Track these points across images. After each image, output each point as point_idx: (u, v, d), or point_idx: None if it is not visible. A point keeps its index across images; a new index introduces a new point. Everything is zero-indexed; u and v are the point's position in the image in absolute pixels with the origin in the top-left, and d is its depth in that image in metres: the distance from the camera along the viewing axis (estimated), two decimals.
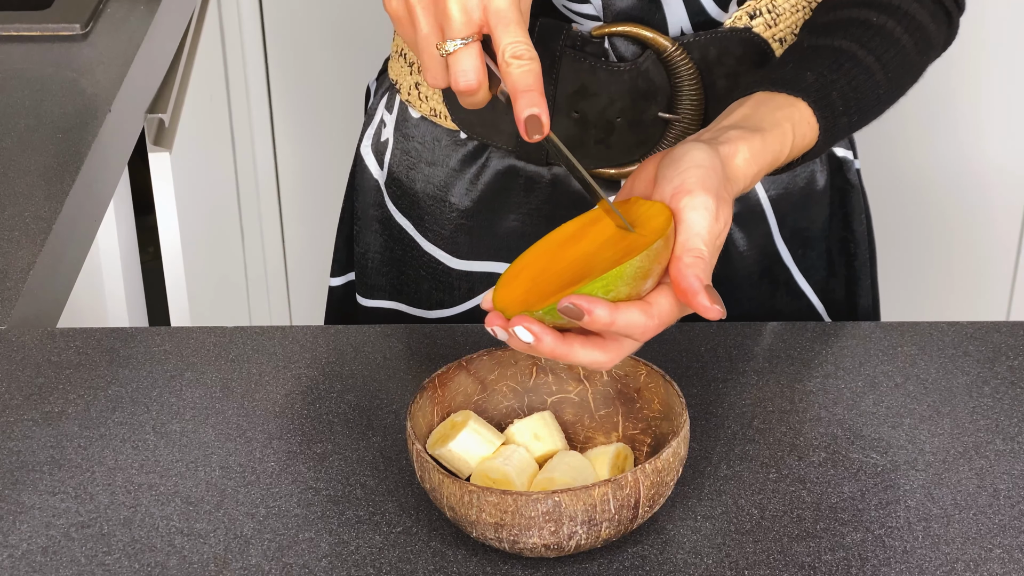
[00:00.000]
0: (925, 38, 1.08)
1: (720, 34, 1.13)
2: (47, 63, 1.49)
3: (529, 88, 0.85)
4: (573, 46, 1.13)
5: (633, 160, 1.17)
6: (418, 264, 1.27)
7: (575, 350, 0.86)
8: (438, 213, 1.24)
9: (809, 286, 1.26)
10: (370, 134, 1.29)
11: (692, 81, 1.13)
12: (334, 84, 2.29)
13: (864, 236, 1.28)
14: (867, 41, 1.05)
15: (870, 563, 0.91)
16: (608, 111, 1.14)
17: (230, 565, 0.91)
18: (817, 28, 1.08)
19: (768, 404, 1.04)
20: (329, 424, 1.02)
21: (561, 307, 0.83)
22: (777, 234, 1.23)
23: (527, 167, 1.20)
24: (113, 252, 1.55)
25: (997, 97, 2.26)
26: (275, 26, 2.26)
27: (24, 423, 1.03)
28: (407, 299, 1.29)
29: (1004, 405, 1.03)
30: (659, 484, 0.89)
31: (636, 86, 1.13)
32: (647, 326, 0.85)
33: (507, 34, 0.85)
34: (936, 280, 2.41)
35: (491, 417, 0.99)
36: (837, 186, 1.25)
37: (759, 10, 1.13)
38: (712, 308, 0.84)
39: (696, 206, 0.87)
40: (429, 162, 1.23)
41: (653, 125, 1.15)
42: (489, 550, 0.92)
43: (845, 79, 1.03)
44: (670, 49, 1.12)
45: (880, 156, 2.30)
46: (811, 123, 1.00)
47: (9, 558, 0.92)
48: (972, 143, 2.29)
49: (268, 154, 2.34)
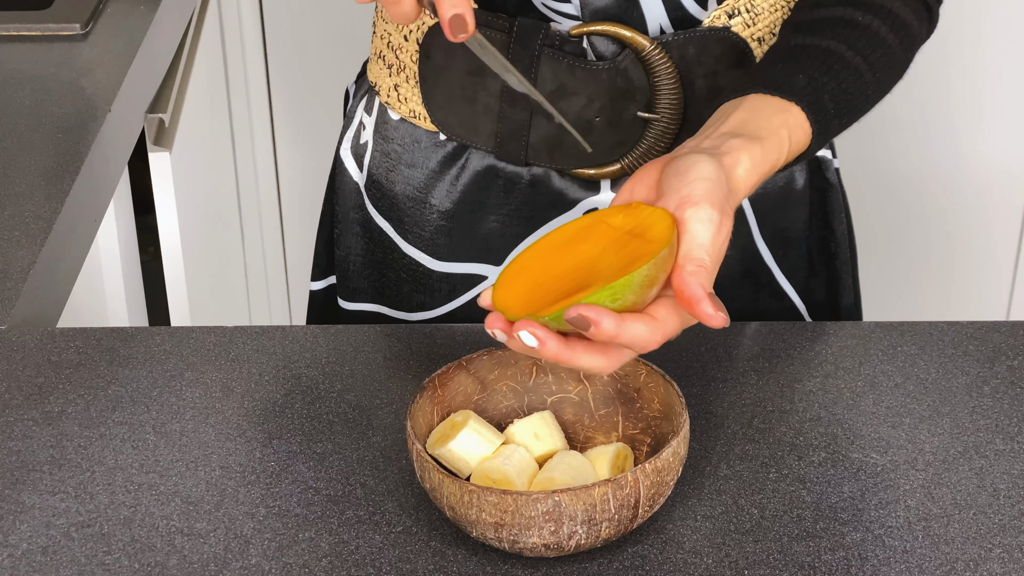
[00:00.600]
0: (909, 36, 1.09)
1: (699, 33, 1.13)
2: (47, 63, 1.49)
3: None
4: (552, 45, 1.13)
5: (612, 160, 1.17)
6: (398, 267, 1.27)
7: (578, 355, 0.86)
8: (418, 215, 1.24)
9: (791, 286, 1.26)
10: (349, 137, 1.29)
11: (671, 80, 1.13)
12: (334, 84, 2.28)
13: (845, 235, 1.28)
14: (854, 42, 1.05)
15: (870, 563, 0.91)
16: (587, 110, 1.15)
17: (230, 565, 0.91)
18: (803, 26, 1.08)
19: (768, 404, 1.04)
20: (329, 424, 1.02)
21: (568, 317, 0.83)
22: (758, 235, 1.23)
23: (506, 168, 1.20)
24: (113, 252, 1.55)
25: (998, 97, 2.26)
26: (275, 26, 2.26)
27: (24, 423, 1.03)
28: (389, 302, 1.29)
29: (1004, 405, 1.03)
30: (659, 484, 0.89)
31: (615, 85, 1.14)
32: (651, 340, 0.86)
33: None
34: (936, 280, 2.41)
35: (491, 417, 0.99)
36: (816, 186, 1.25)
37: (738, 9, 1.13)
38: (716, 316, 0.85)
39: (701, 218, 0.87)
40: (409, 164, 1.23)
41: (632, 124, 1.15)
42: (489, 550, 0.92)
43: (835, 81, 1.03)
44: (649, 48, 1.12)
45: (880, 156, 2.30)
46: (805, 128, 1.00)
47: (9, 558, 0.92)
48: (973, 143, 2.29)
49: (268, 154, 2.34)
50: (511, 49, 1.13)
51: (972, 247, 2.37)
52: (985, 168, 2.31)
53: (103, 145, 1.37)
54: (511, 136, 1.17)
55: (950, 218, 2.35)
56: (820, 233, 1.27)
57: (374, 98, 1.26)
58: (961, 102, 2.27)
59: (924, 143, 2.29)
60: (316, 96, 2.30)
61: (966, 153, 2.30)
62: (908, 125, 2.27)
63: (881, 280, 2.40)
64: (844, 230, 1.28)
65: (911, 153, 2.30)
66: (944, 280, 2.41)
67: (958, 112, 2.27)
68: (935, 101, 2.26)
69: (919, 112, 2.26)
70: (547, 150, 1.17)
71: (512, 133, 1.17)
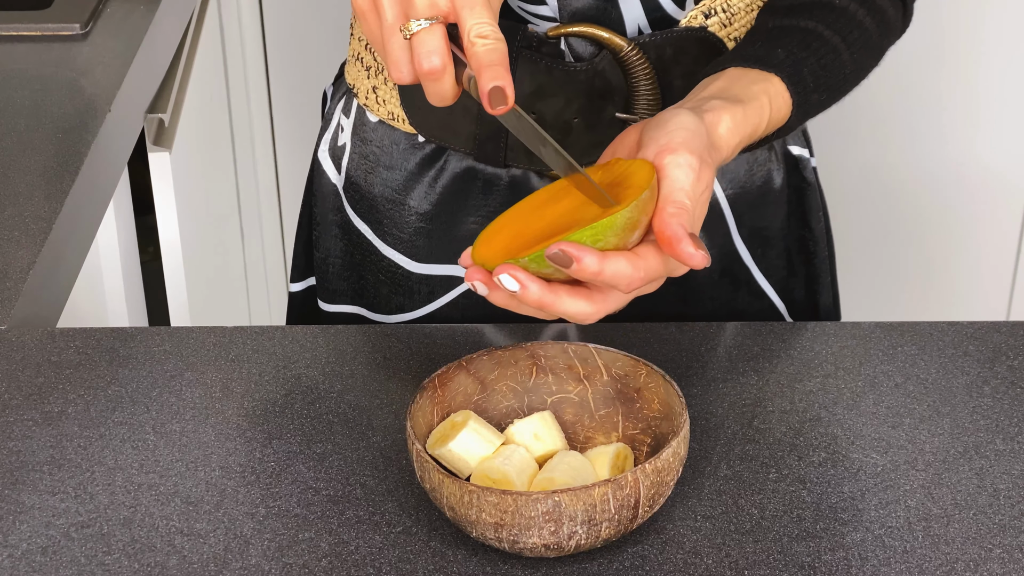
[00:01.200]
0: (885, 21, 1.10)
1: (676, 33, 1.13)
2: (47, 63, 1.49)
3: (493, 63, 0.84)
4: (529, 47, 1.13)
5: (591, 161, 1.17)
6: (377, 268, 1.26)
7: (562, 299, 0.86)
8: (397, 217, 1.23)
9: (770, 286, 1.26)
10: (327, 139, 1.28)
11: (648, 81, 1.13)
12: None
13: (823, 234, 1.28)
14: (832, 22, 1.07)
15: (870, 563, 0.91)
16: (565, 112, 1.14)
17: (230, 565, 0.91)
18: (780, 10, 1.09)
19: (768, 404, 1.04)
20: (329, 424, 1.02)
21: (549, 253, 0.83)
22: (736, 234, 1.23)
23: (485, 169, 1.19)
24: (113, 252, 1.55)
25: (998, 97, 2.26)
26: (275, 26, 2.26)
27: (24, 423, 1.03)
28: (368, 304, 1.28)
29: (1004, 405, 1.03)
30: (659, 484, 0.89)
31: (593, 86, 1.14)
32: (634, 277, 0.85)
33: (472, 15, 0.84)
34: (936, 280, 2.41)
35: (491, 417, 0.99)
36: (794, 185, 1.25)
37: (714, 9, 1.14)
38: (697, 254, 0.84)
39: (680, 164, 0.87)
40: (387, 166, 1.23)
41: (610, 126, 1.15)
42: (489, 550, 0.92)
43: (814, 57, 1.04)
44: (626, 49, 1.12)
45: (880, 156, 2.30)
46: (785, 98, 1.01)
47: (9, 558, 0.92)
48: (974, 143, 2.29)
49: (268, 154, 2.34)
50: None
51: (972, 247, 2.37)
52: (986, 168, 2.31)
53: (103, 145, 1.37)
54: (490, 138, 1.17)
55: (951, 218, 2.35)
56: (799, 232, 1.27)
57: (352, 100, 1.25)
58: (963, 102, 2.27)
59: (925, 143, 2.30)
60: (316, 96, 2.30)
61: (968, 153, 2.30)
62: (909, 125, 2.27)
63: (881, 280, 2.40)
64: (822, 228, 1.28)
65: (911, 153, 2.30)
66: (944, 280, 2.41)
67: (960, 112, 2.27)
68: (937, 102, 2.26)
69: (920, 112, 2.26)
70: (526, 151, 1.17)
71: (491, 135, 1.17)
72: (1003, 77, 2.24)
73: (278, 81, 2.30)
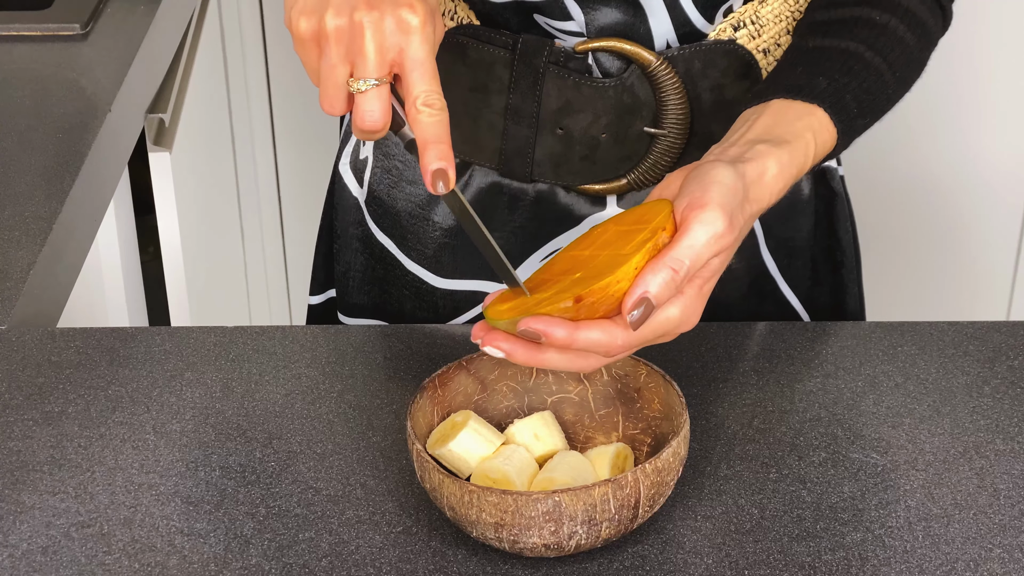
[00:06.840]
0: (926, 33, 1.09)
1: (704, 47, 1.12)
2: (47, 63, 1.49)
3: (438, 139, 0.86)
4: (556, 62, 1.12)
5: (618, 175, 1.16)
6: (401, 284, 1.26)
7: (548, 357, 0.88)
8: (421, 232, 1.23)
9: (795, 296, 1.26)
10: (348, 152, 1.28)
11: (677, 95, 1.13)
12: None
13: (850, 243, 1.27)
14: (873, 42, 1.05)
15: (870, 563, 0.91)
16: (593, 127, 1.14)
17: (230, 565, 0.91)
18: (819, 27, 1.08)
19: (768, 404, 1.04)
20: (329, 424, 1.02)
21: (520, 331, 0.86)
22: (764, 245, 1.23)
23: (511, 184, 1.19)
24: (113, 252, 1.55)
25: (999, 97, 2.26)
26: (275, 26, 2.26)
27: (24, 423, 1.03)
28: (390, 318, 1.28)
29: (1004, 405, 1.03)
30: (659, 484, 0.89)
31: (621, 101, 1.13)
32: (611, 343, 0.87)
33: (421, 82, 0.87)
34: (936, 280, 2.41)
35: (491, 417, 0.99)
36: (821, 194, 1.25)
37: (743, 21, 1.13)
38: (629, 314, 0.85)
39: (703, 220, 0.88)
40: (411, 180, 1.22)
41: (639, 140, 1.15)
42: (489, 550, 0.92)
43: (856, 82, 1.03)
44: (654, 63, 1.11)
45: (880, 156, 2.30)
46: (829, 129, 1.01)
47: (9, 558, 0.92)
48: (973, 143, 2.29)
49: (268, 154, 2.34)
50: (515, 66, 1.13)
51: (972, 247, 2.37)
52: (985, 168, 2.31)
53: (103, 145, 1.37)
54: (516, 153, 1.16)
55: (950, 218, 2.35)
56: (825, 242, 1.26)
57: None
58: (963, 103, 2.27)
59: (924, 144, 2.29)
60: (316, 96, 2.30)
61: (966, 153, 2.30)
62: (908, 126, 2.27)
63: (882, 280, 2.40)
64: (849, 238, 1.27)
65: (911, 153, 2.30)
66: (944, 280, 2.41)
67: (958, 113, 2.27)
68: (937, 102, 2.26)
69: (920, 113, 2.26)
70: (552, 166, 1.16)
71: (516, 150, 1.16)
72: (1003, 77, 2.24)
73: (278, 81, 2.30)
